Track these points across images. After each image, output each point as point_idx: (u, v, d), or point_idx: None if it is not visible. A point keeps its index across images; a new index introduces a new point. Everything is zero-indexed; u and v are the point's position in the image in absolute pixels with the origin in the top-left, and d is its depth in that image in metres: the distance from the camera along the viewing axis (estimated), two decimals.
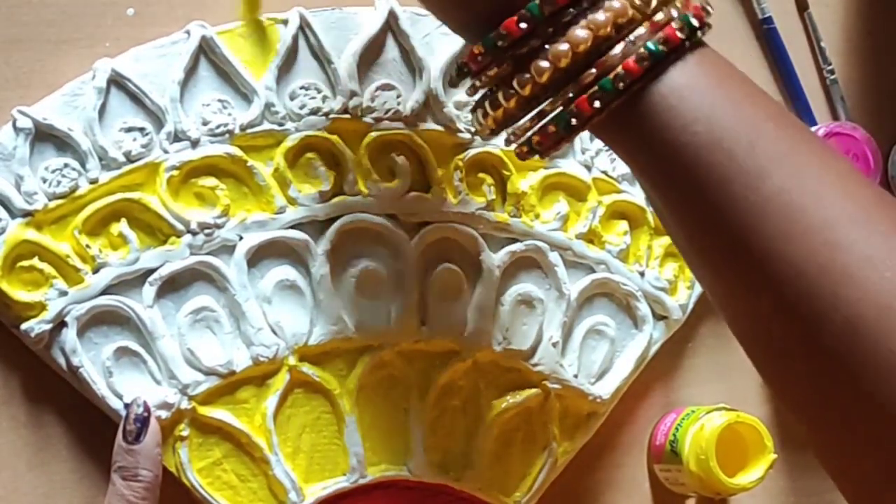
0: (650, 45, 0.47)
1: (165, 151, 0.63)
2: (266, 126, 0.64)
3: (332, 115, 0.65)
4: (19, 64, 0.64)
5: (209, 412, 0.63)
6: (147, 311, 0.62)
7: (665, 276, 0.71)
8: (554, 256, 0.68)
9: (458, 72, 0.52)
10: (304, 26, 0.65)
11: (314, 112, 0.65)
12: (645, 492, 0.74)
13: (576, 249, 0.69)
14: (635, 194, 0.70)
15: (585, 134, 0.68)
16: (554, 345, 0.68)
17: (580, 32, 0.47)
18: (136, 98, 0.63)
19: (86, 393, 0.63)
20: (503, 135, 0.53)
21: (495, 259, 0.67)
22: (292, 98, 0.65)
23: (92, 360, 0.62)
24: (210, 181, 0.63)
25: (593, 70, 0.48)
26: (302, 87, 0.65)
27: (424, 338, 0.66)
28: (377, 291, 0.66)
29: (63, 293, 0.61)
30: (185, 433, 0.63)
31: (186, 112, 0.63)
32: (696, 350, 0.75)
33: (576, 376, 0.69)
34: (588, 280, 0.69)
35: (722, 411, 0.71)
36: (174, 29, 0.65)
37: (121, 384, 0.62)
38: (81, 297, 0.62)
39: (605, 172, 0.69)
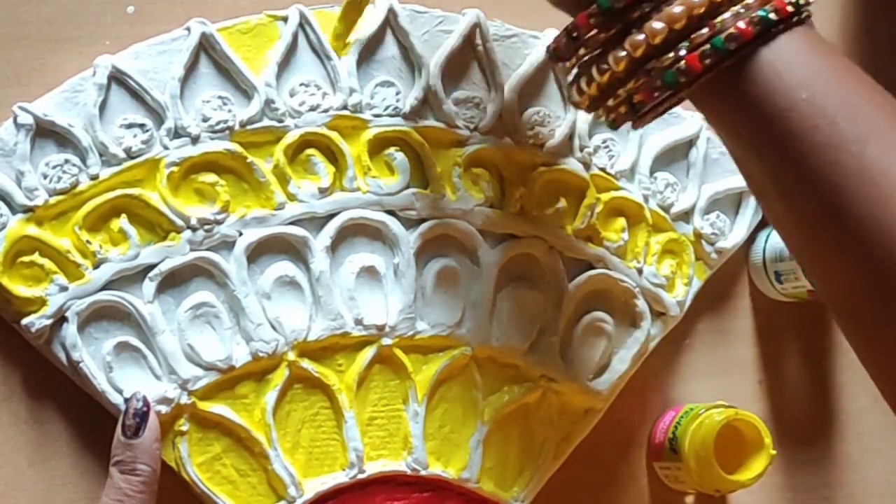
0: (761, 11, 0.49)
1: (166, 148, 0.63)
2: (266, 122, 0.64)
3: (331, 112, 0.65)
4: (19, 62, 0.65)
5: (209, 407, 0.63)
6: (147, 307, 0.63)
7: (663, 273, 0.71)
8: (552, 253, 0.68)
9: (567, 39, 0.53)
10: (304, 23, 0.66)
11: (314, 108, 0.65)
12: (644, 489, 0.74)
13: (574, 246, 0.69)
14: (633, 191, 0.70)
15: (584, 131, 0.69)
16: (552, 341, 0.68)
17: (656, 24, 0.50)
18: (137, 94, 0.63)
19: (86, 388, 0.63)
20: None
21: (493, 255, 0.67)
22: (292, 95, 0.65)
23: (92, 356, 0.62)
24: (210, 177, 0.64)
25: (705, 30, 0.50)
26: (302, 84, 0.65)
27: (423, 333, 0.66)
28: (376, 287, 0.66)
29: (63, 288, 0.62)
30: (184, 428, 0.63)
31: (186, 108, 0.64)
32: (693, 347, 0.76)
33: (574, 372, 0.69)
34: (586, 276, 0.69)
35: (720, 408, 0.71)
36: (174, 26, 0.65)
37: (121, 379, 0.62)
38: (82, 293, 0.62)
39: (603, 169, 0.70)
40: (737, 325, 0.77)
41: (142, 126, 0.63)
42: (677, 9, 0.50)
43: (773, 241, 0.74)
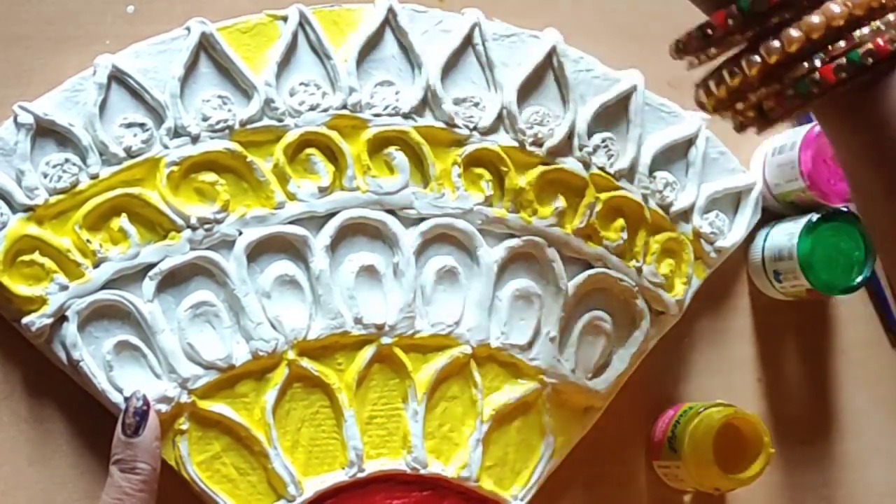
0: None
1: (166, 147, 0.63)
2: (266, 122, 0.65)
3: (331, 111, 0.66)
4: (20, 61, 0.65)
5: (209, 406, 0.64)
6: (147, 306, 0.63)
7: (662, 272, 0.71)
8: (551, 252, 0.69)
9: (700, 35, 0.53)
10: (304, 22, 0.66)
11: (313, 108, 0.65)
12: (643, 487, 0.74)
13: (573, 245, 0.69)
14: (632, 190, 0.70)
15: (583, 130, 0.69)
16: (551, 339, 0.68)
17: (835, 7, 0.50)
18: (137, 94, 0.63)
19: (86, 387, 0.63)
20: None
21: (493, 254, 0.68)
22: (292, 94, 0.65)
23: (92, 354, 0.62)
24: (210, 176, 0.64)
25: (842, 43, 0.50)
26: (301, 84, 0.66)
27: (422, 332, 0.66)
28: (375, 286, 0.66)
29: (64, 287, 0.62)
30: (184, 427, 0.63)
31: (186, 108, 0.64)
32: (693, 346, 0.76)
33: (573, 371, 0.69)
34: (585, 275, 0.69)
35: (719, 407, 0.71)
36: (173, 26, 0.65)
37: (121, 378, 0.62)
38: (82, 292, 0.62)
39: (602, 168, 0.70)
40: (736, 323, 0.77)
41: (142, 125, 0.63)
42: (816, 18, 0.50)
43: (772, 240, 0.74)
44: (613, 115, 0.71)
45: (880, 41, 0.50)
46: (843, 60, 0.50)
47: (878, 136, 0.51)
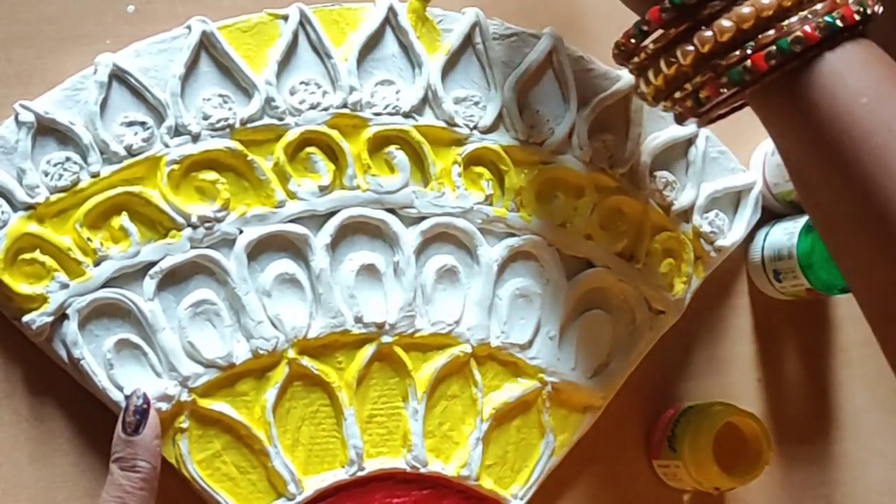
0: (828, 17, 0.52)
1: (166, 145, 0.63)
2: (266, 121, 0.65)
3: (331, 110, 0.66)
4: (20, 61, 0.65)
5: (209, 404, 0.64)
6: (148, 304, 0.63)
7: (662, 271, 0.71)
8: (551, 251, 0.69)
9: (636, 32, 0.56)
10: (304, 22, 0.66)
11: (314, 107, 0.65)
12: (642, 487, 0.74)
13: (573, 244, 0.69)
14: (633, 190, 0.70)
15: (583, 129, 0.69)
16: (551, 338, 0.69)
17: (725, 23, 0.52)
18: (138, 92, 0.63)
19: (87, 385, 0.63)
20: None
21: (493, 253, 0.68)
22: (292, 93, 0.65)
23: (93, 353, 0.62)
24: (210, 175, 0.64)
25: (772, 32, 0.52)
26: (302, 83, 0.66)
27: (422, 331, 0.66)
28: (376, 285, 0.66)
29: (64, 286, 0.62)
30: (184, 425, 0.63)
31: (187, 106, 0.64)
32: (692, 345, 0.76)
33: (573, 370, 0.69)
34: (585, 275, 0.69)
35: (719, 406, 0.71)
36: (174, 26, 0.65)
37: (121, 376, 0.62)
38: (82, 290, 0.62)
39: (602, 168, 0.70)
40: (735, 323, 0.77)
41: (143, 124, 0.63)
42: (746, 9, 0.52)
43: (771, 240, 0.74)
44: (613, 114, 0.71)
45: (808, 28, 0.52)
46: (773, 48, 0.52)
47: (809, 121, 0.52)
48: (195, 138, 0.64)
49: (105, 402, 0.63)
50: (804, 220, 0.72)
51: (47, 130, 0.62)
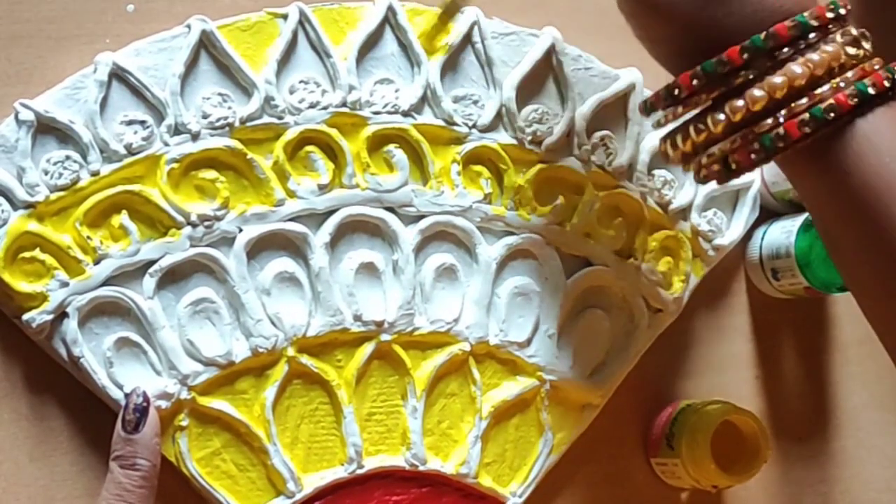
0: (860, 85, 0.52)
1: (166, 144, 0.63)
2: (266, 119, 0.65)
3: (331, 109, 0.66)
4: (20, 60, 0.65)
5: (208, 402, 0.64)
6: (147, 303, 0.63)
7: (660, 270, 0.71)
8: (550, 249, 0.69)
9: (666, 95, 0.56)
10: (304, 21, 0.66)
11: (313, 106, 0.66)
12: (641, 484, 0.74)
13: (572, 242, 0.69)
14: (631, 188, 0.71)
15: (582, 128, 0.69)
16: (550, 337, 0.69)
17: (797, 69, 0.53)
18: (137, 91, 0.64)
19: (87, 383, 0.63)
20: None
21: (492, 252, 0.68)
22: (292, 92, 0.66)
23: (93, 351, 0.62)
24: (210, 174, 0.64)
25: (804, 100, 0.53)
26: (301, 81, 0.66)
27: (421, 329, 0.67)
28: (375, 283, 0.66)
29: (64, 284, 0.62)
30: (184, 423, 0.63)
31: (187, 105, 0.64)
32: (690, 343, 0.76)
33: (571, 368, 0.69)
34: (584, 273, 0.70)
35: (717, 404, 0.72)
36: (173, 25, 0.65)
37: (121, 375, 0.63)
38: (82, 288, 0.62)
39: (601, 166, 0.70)
40: (733, 321, 0.77)
41: (142, 123, 0.63)
42: (779, 79, 0.53)
43: (769, 238, 0.75)
44: (612, 113, 0.71)
45: (841, 96, 0.52)
46: (806, 116, 0.53)
47: (841, 186, 0.53)
48: (195, 137, 0.64)
49: (105, 401, 0.63)
50: (802, 218, 0.72)
51: (47, 129, 0.62)
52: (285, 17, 0.66)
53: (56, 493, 0.64)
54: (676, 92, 0.56)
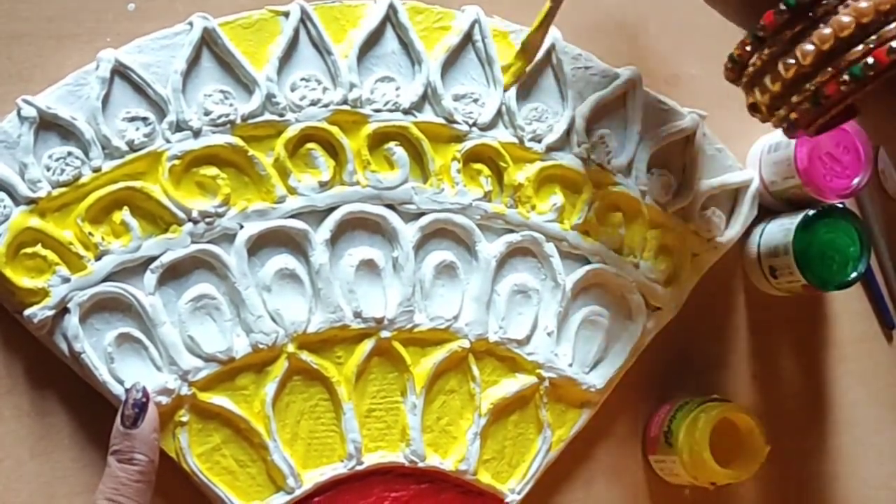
0: None
1: (168, 141, 0.64)
2: (267, 117, 0.65)
3: (331, 107, 0.66)
4: (21, 59, 0.65)
5: (209, 398, 0.64)
6: (148, 298, 0.63)
7: (659, 268, 0.72)
8: (549, 247, 0.69)
9: (753, 38, 0.56)
10: (305, 18, 0.66)
11: (314, 103, 0.66)
12: (639, 481, 0.74)
13: (571, 240, 0.70)
14: (630, 186, 0.71)
15: (581, 126, 0.70)
16: (549, 334, 0.69)
17: (844, 18, 0.52)
18: (139, 88, 0.64)
19: (88, 379, 0.63)
20: None
21: (492, 249, 0.68)
22: (293, 89, 0.66)
23: (94, 347, 0.63)
24: (211, 170, 0.64)
25: (892, 26, 0.52)
26: (302, 79, 0.66)
27: (421, 326, 0.67)
28: (375, 280, 0.66)
29: (66, 280, 0.62)
30: (184, 419, 0.64)
31: (188, 102, 0.64)
32: (689, 341, 0.76)
33: (570, 365, 0.69)
34: (583, 271, 0.70)
35: (715, 402, 0.72)
36: (174, 23, 0.66)
37: (122, 370, 0.63)
38: (84, 284, 0.62)
39: (600, 165, 0.70)
40: (732, 319, 0.77)
41: (144, 119, 0.64)
42: (864, 4, 0.52)
43: (767, 236, 0.75)
44: (612, 111, 0.71)
45: (882, 53, 0.51)
46: (895, 43, 0.51)
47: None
48: (196, 134, 0.64)
49: (106, 397, 0.63)
50: (800, 216, 0.73)
51: (49, 125, 0.63)
52: (287, 14, 0.66)
53: (57, 489, 0.64)
54: (762, 34, 0.55)
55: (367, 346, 0.66)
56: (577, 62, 0.71)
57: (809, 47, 0.53)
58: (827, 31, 0.53)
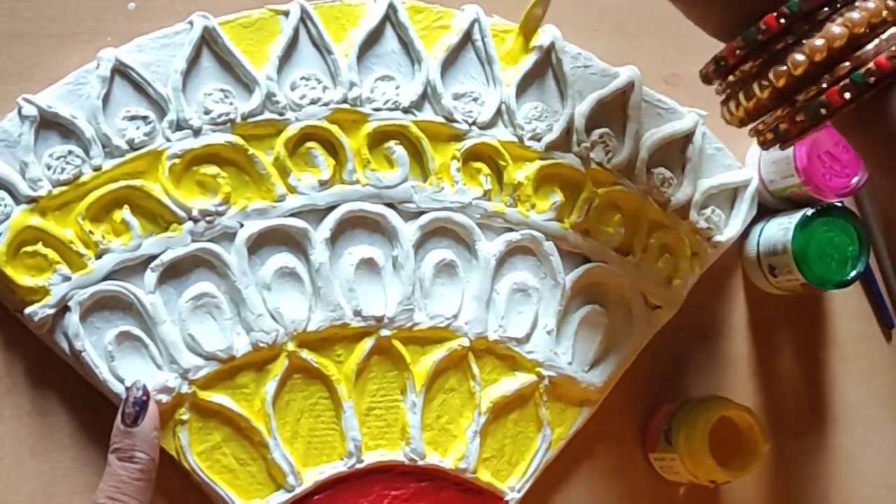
0: None
1: (168, 140, 0.64)
2: (267, 115, 0.65)
3: (331, 106, 0.66)
4: (21, 58, 0.65)
5: (209, 396, 0.64)
6: (149, 297, 0.63)
7: (658, 267, 0.72)
8: (549, 246, 0.69)
9: (715, 66, 0.57)
10: (305, 17, 0.66)
11: (314, 102, 0.66)
12: (639, 480, 0.75)
13: (571, 239, 0.70)
14: (630, 186, 0.71)
15: (581, 126, 0.70)
16: (548, 333, 0.69)
17: (835, 29, 0.52)
18: (140, 87, 0.64)
19: (88, 377, 0.63)
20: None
21: (491, 248, 0.68)
22: (293, 88, 0.66)
23: (94, 345, 0.63)
24: (211, 169, 0.64)
25: (847, 63, 0.52)
26: (302, 78, 0.66)
27: (421, 325, 0.67)
28: (375, 279, 0.67)
29: (66, 278, 0.62)
30: (185, 417, 0.64)
31: (189, 101, 0.64)
32: (688, 339, 0.76)
33: (570, 364, 0.70)
34: (583, 269, 0.70)
35: (715, 400, 0.72)
36: (174, 23, 0.66)
37: (122, 368, 0.63)
38: (84, 283, 0.62)
39: (600, 164, 0.70)
40: (731, 318, 0.77)
41: (144, 118, 0.64)
42: (818, 41, 0.53)
43: (766, 235, 0.75)
44: (611, 110, 0.71)
45: (882, 59, 0.52)
46: (847, 81, 0.52)
47: (887, 149, 0.53)
48: (196, 133, 0.64)
49: (106, 395, 0.63)
50: (799, 215, 0.73)
51: (50, 124, 0.63)
52: (287, 13, 0.67)
53: (57, 488, 0.65)
54: (722, 63, 0.56)
55: (366, 344, 0.66)
56: (576, 61, 0.71)
57: (765, 82, 0.54)
58: (782, 68, 0.54)
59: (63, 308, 0.62)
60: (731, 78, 0.57)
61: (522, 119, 0.69)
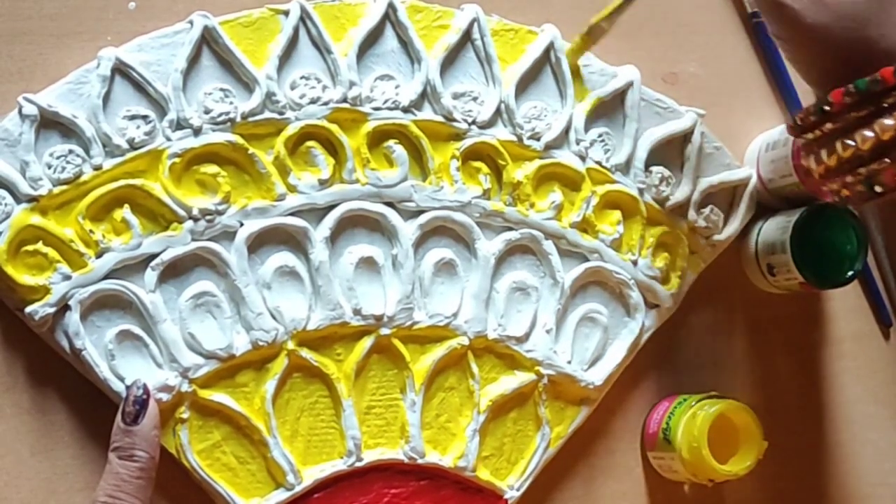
0: None
1: (168, 139, 0.64)
2: (267, 115, 0.65)
3: (331, 105, 0.66)
4: (22, 57, 0.66)
5: (209, 395, 0.64)
6: (149, 296, 0.63)
7: (657, 265, 0.72)
8: (548, 245, 0.69)
9: (817, 110, 0.57)
10: (305, 17, 0.66)
11: (314, 101, 0.66)
12: (638, 478, 0.75)
13: (570, 238, 0.70)
14: (628, 184, 0.71)
15: (580, 125, 0.70)
16: (548, 331, 0.69)
17: None
18: (140, 86, 0.64)
19: (88, 376, 0.63)
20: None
21: (491, 247, 0.68)
22: (293, 87, 0.66)
23: (94, 344, 0.63)
24: (211, 168, 0.65)
25: None
26: (302, 77, 0.66)
27: (420, 324, 0.67)
28: (374, 278, 0.67)
29: (67, 277, 0.62)
30: (185, 416, 0.64)
31: (189, 100, 0.64)
32: (687, 338, 0.76)
33: (569, 362, 0.70)
34: (581, 268, 0.70)
35: (713, 399, 0.72)
36: (174, 22, 0.66)
37: (123, 367, 0.63)
38: (85, 282, 0.63)
39: (598, 163, 0.70)
40: (729, 316, 0.77)
41: (145, 117, 0.64)
42: None
43: (765, 234, 0.75)
44: (610, 110, 0.71)
45: None
46: None
47: None
48: (196, 132, 0.64)
49: (106, 394, 0.63)
50: (798, 214, 0.73)
51: (50, 123, 0.63)
52: (286, 13, 0.67)
53: (58, 486, 0.65)
54: (827, 108, 0.56)
55: (366, 343, 0.66)
56: None
57: (870, 134, 0.55)
58: (889, 122, 0.54)
59: (63, 307, 0.62)
60: (828, 126, 0.57)
61: (522, 118, 0.69)
